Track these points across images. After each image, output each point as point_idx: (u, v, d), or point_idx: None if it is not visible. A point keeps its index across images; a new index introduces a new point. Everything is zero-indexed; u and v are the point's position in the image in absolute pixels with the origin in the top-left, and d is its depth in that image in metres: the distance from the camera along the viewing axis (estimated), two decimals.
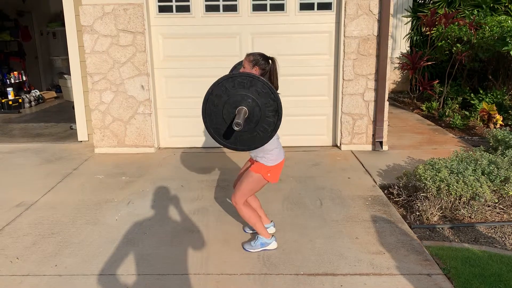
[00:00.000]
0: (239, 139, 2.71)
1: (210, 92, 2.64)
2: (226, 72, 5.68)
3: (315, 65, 5.48)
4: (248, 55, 2.93)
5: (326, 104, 5.62)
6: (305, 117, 5.62)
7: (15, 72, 9.26)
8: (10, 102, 8.58)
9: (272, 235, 3.17)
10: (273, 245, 3.13)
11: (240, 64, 3.15)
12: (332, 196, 4.10)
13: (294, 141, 5.64)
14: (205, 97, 2.66)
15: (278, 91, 2.77)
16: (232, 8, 5.37)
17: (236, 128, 2.46)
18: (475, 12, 7.97)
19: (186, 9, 5.38)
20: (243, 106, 2.60)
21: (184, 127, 5.70)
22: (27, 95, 9.14)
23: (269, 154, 2.93)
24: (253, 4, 5.34)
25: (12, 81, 9.11)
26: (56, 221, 3.66)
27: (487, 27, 6.93)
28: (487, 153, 4.14)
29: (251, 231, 3.40)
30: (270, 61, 2.93)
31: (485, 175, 3.71)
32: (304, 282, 2.76)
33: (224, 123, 2.68)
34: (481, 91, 7.15)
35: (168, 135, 5.76)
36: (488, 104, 6.56)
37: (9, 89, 8.73)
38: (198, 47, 5.48)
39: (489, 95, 6.98)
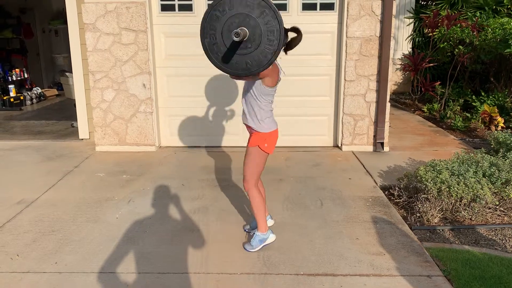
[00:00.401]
0: (230, 60, 2.59)
1: (209, 12, 2.53)
2: None
3: (317, 65, 5.48)
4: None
5: (327, 105, 5.61)
6: (307, 117, 5.61)
7: (17, 70, 9.27)
8: (12, 99, 8.59)
9: (269, 229, 3.18)
10: (271, 238, 3.15)
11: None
12: (333, 197, 4.10)
13: (295, 141, 5.64)
14: (212, 3, 2.53)
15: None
16: None
17: (235, 38, 2.35)
18: (478, 14, 7.96)
19: (188, 8, 5.38)
20: (245, 28, 2.48)
21: (185, 126, 5.71)
22: (29, 93, 9.15)
23: (262, 122, 2.98)
24: None
25: (14, 78, 9.12)
26: (56, 219, 3.67)
27: (490, 29, 6.93)
28: (488, 155, 4.13)
29: (252, 230, 3.39)
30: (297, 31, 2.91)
31: (486, 177, 3.71)
32: (304, 282, 2.76)
33: (220, 36, 2.57)
34: (482, 93, 7.14)
35: (169, 133, 5.76)
36: (490, 106, 6.55)
37: (11, 86, 8.74)
38: (200, 46, 5.46)
39: (490, 97, 6.97)
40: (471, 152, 4.97)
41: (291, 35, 2.96)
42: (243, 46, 2.52)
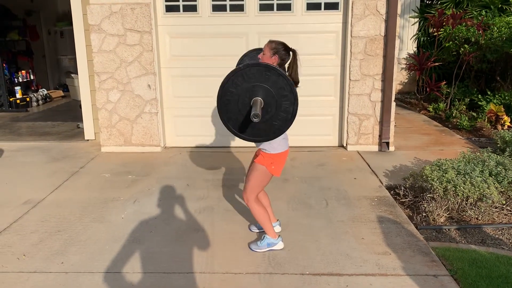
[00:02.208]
0: (258, 131, 2.69)
1: (225, 82, 2.61)
2: None
3: (322, 65, 5.47)
4: (270, 42, 2.91)
5: (332, 105, 5.60)
6: (311, 117, 5.60)
7: (23, 71, 9.33)
8: (18, 101, 8.65)
9: (279, 235, 3.17)
10: (279, 245, 3.12)
11: (253, 52, 3.12)
12: (338, 197, 4.09)
13: (300, 141, 5.63)
14: (218, 92, 2.63)
15: (299, 85, 2.77)
16: (239, 8, 5.37)
17: (255, 120, 2.43)
18: (483, 12, 7.92)
19: (193, 8, 5.39)
20: (258, 97, 2.58)
21: (190, 126, 5.72)
22: (35, 94, 9.20)
23: (273, 142, 2.92)
24: (260, 4, 5.34)
25: (20, 80, 9.18)
26: (62, 219, 3.68)
27: (495, 28, 6.89)
28: (495, 154, 4.11)
29: (257, 230, 3.40)
30: (290, 52, 2.90)
31: (493, 176, 3.68)
32: (310, 282, 2.75)
33: (241, 116, 2.66)
34: (488, 92, 7.10)
35: (175, 134, 5.77)
36: (496, 105, 6.52)
37: (17, 88, 8.80)
38: (204, 47, 5.49)
39: (497, 96, 6.93)
40: (477, 151, 4.94)
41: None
42: (263, 113, 2.62)
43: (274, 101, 2.61)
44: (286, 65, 2.96)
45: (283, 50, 2.87)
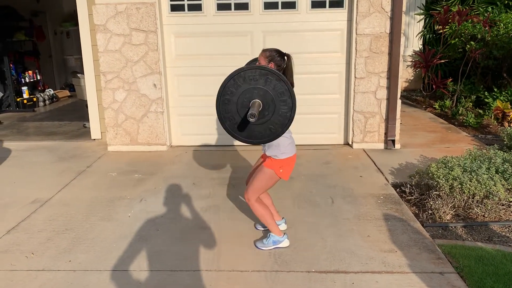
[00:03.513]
0: (254, 133, 2.73)
1: (224, 86, 2.65)
2: None
3: (327, 63, 5.47)
4: (264, 50, 2.93)
5: (337, 102, 5.60)
6: (317, 115, 5.60)
7: (29, 71, 9.39)
8: (25, 101, 8.71)
9: (284, 233, 3.18)
10: (285, 243, 3.13)
11: (253, 62, 3.15)
12: (344, 194, 4.09)
13: (305, 139, 5.63)
14: (219, 90, 2.66)
15: (294, 86, 2.78)
16: (243, 7, 5.38)
17: (251, 120, 2.47)
18: (489, 9, 7.86)
19: (198, 7, 5.40)
20: (256, 99, 2.61)
21: (196, 125, 5.73)
22: (41, 94, 9.27)
23: (281, 147, 2.93)
24: (264, 3, 5.34)
25: (27, 80, 9.24)
26: (70, 218, 3.71)
27: (502, 24, 6.84)
28: (501, 152, 4.09)
29: (262, 229, 3.41)
30: (285, 57, 2.93)
31: (499, 174, 3.67)
32: (316, 280, 2.76)
33: (238, 116, 2.70)
34: (495, 89, 7.05)
35: (180, 133, 5.79)
36: (503, 102, 6.48)
37: (24, 88, 8.86)
38: (209, 46, 5.51)
39: (503, 93, 6.88)
40: (483, 148, 4.92)
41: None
42: (260, 115, 2.65)
43: (272, 105, 2.64)
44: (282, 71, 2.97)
45: (278, 56, 2.89)
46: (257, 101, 2.61)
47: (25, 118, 7.88)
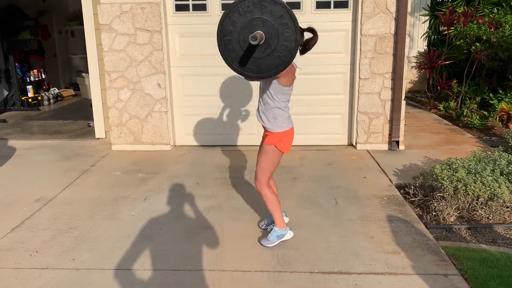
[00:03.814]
0: (261, 66, 2.60)
1: (221, 26, 2.55)
2: None
3: (331, 63, 5.46)
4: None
5: (341, 103, 5.59)
6: (321, 115, 5.60)
7: (34, 70, 9.42)
8: (30, 100, 8.75)
9: (286, 225, 3.19)
10: (289, 234, 3.16)
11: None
12: (347, 195, 4.08)
13: (309, 140, 5.62)
14: (217, 33, 2.56)
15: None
16: None
17: (252, 42, 2.36)
18: (495, 10, 7.83)
19: (202, 7, 5.41)
20: (258, 30, 2.49)
21: (199, 125, 5.74)
22: (46, 93, 9.30)
23: (278, 120, 2.96)
24: None
25: (32, 79, 9.27)
26: (73, 216, 3.72)
27: (507, 26, 6.81)
28: (506, 154, 4.07)
29: (265, 227, 3.40)
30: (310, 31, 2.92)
31: (504, 176, 3.65)
32: (319, 280, 2.76)
33: (241, 50, 2.58)
34: (500, 91, 7.02)
35: (184, 132, 5.80)
36: (508, 104, 6.45)
37: (29, 87, 8.90)
38: (214, 46, 5.44)
39: (508, 94, 6.85)
40: (488, 150, 4.90)
41: (307, 35, 2.95)
42: (262, 49, 2.53)
43: (275, 31, 2.50)
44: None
45: (302, 32, 2.88)
46: (258, 32, 2.47)
47: (30, 117, 7.91)
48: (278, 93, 2.91)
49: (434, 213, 3.66)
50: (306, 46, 2.99)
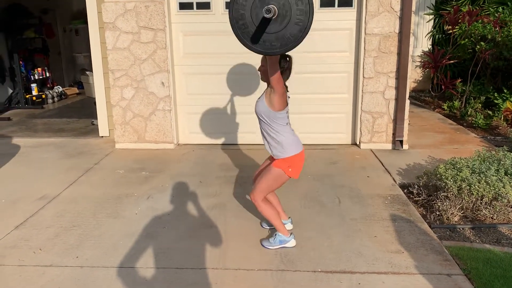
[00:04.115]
0: (284, 38, 2.52)
1: (232, 8, 2.49)
2: (246, 69, 5.70)
3: (335, 62, 5.45)
4: None
5: (345, 102, 5.58)
6: (324, 114, 5.59)
7: (39, 69, 9.45)
8: (34, 98, 8.78)
9: (291, 233, 3.17)
10: (291, 242, 3.13)
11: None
12: (351, 195, 4.07)
13: (312, 139, 5.62)
14: (230, 17, 2.50)
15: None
16: None
17: (267, 15, 2.32)
18: (500, 9, 7.79)
19: (206, 6, 5.41)
20: (270, 5, 2.42)
21: (203, 123, 5.74)
22: (50, 91, 9.33)
23: (282, 146, 2.92)
24: None
25: (36, 77, 9.30)
26: (77, 214, 3.74)
27: None
28: (511, 153, 4.05)
29: (268, 227, 3.41)
30: (287, 59, 2.94)
31: (508, 175, 3.63)
32: (322, 279, 2.75)
33: (253, 26, 2.52)
34: (505, 90, 6.99)
35: (188, 131, 5.81)
36: None
37: (33, 85, 8.92)
38: (218, 44, 5.51)
39: None
40: (492, 150, 4.88)
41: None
42: (278, 22, 2.47)
43: (287, 2, 2.44)
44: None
45: (281, 58, 2.88)
46: (271, 6, 2.39)
47: (34, 115, 7.93)
48: (274, 119, 2.90)
49: (438, 213, 3.65)
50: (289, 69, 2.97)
